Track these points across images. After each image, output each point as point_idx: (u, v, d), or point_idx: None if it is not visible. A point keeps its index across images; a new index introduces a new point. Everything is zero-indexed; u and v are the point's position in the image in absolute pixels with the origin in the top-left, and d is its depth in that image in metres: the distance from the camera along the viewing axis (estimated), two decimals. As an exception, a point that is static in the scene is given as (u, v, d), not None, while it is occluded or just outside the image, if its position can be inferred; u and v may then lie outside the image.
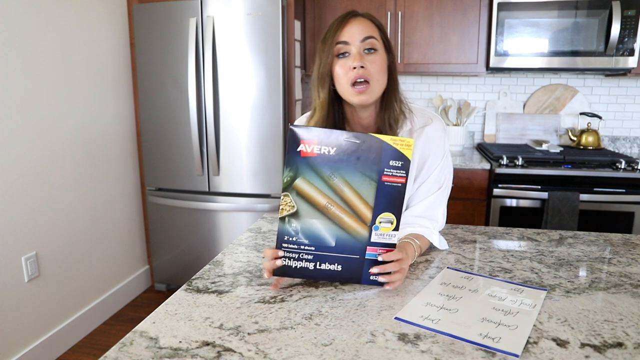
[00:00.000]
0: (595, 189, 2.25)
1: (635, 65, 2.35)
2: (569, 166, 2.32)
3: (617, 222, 2.26)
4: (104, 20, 2.48)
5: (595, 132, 2.68)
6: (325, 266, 0.92)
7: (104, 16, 2.47)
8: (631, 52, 2.33)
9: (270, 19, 2.32)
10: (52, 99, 2.15)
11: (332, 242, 0.90)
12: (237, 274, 1.00)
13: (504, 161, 2.36)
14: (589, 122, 2.73)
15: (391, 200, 0.88)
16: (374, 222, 0.89)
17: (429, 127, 1.13)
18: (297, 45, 2.54)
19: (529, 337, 0.74)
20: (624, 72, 2.47)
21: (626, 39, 2.32)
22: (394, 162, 0.87)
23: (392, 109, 1.09)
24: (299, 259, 0.91)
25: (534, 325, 0.78)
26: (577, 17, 2.37)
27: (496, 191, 2.33)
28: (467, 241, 1.23)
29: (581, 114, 2.79)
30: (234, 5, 2.35)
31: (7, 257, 1.94)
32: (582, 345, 0.72)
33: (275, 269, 0.91)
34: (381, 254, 0.90)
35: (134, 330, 0.78)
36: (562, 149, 2.62)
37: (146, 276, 2.93)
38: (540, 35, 2.43)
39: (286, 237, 0.90)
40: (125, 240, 2.73)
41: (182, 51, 2.45)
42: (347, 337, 0.75)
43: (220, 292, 0.92)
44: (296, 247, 0.90)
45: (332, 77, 1.06)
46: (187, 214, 2.64)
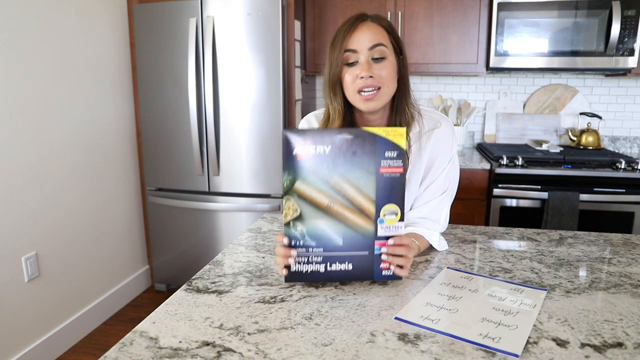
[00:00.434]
0: (595, 189, 2.25)
1: (635, 65, 2.35)
2: (569, 166, 2.31)
3: (617, 222, 2.26)
4: (104, 20, 2.48)
5: (595, 132, 2.68)
6: (336, 266, 0.91)
7: (104, 16, 2.47)
8: (631, 52, 2.33)
9: (270, 19, 2.32)
10: (52, 99, 2.15)
11: (340, 241, 0.90)
12: (237, 274, 1.00)
13: (504, 161, 2.36)
14: (589, 122, 2.73)
15: (392, 191, 0.89)
16: (378, 215, 0.89)
17: (437, 130, 1.13)
18: (297, 45, 2.54)
19: (529, 337, 0.74)
20: (624, 72, 2.47)
21: (626, 39, 2.32)
22: (389, 153, 0.87)
23: (403, 112, 1.09)
24: (309, 262, 0.91)
25: (534, 325, 0.78)
26: (577, 17, 2.37)
27: (496, 191, 2.33)
28: (467, 241, 1.23)
29: (581, 114, 2.79)
30: (234, 5, 2.35)
31: (7, 257, 1.94)
32: (582, 345, 0.72)
33: (286, 275, 0.91)
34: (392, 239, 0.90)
35: (134, 330, 0.78)
36: (562, 149, 2.62)
37: (146, 276, 2.93)
38: (540, 35, 2.43)
39: (293, 242, 0.90)
40: (125, 240, 2.73)
41: (182, 51, 2.45)
42: (347, 337, 0.75)
43: (220, 292, 0.92)
44: (305, 250, 0.90)
45: (341, 83, 1.06)
46: (187, 214, 2.64)
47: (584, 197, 2.24)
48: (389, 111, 1.12)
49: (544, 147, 2.62)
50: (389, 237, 0.90)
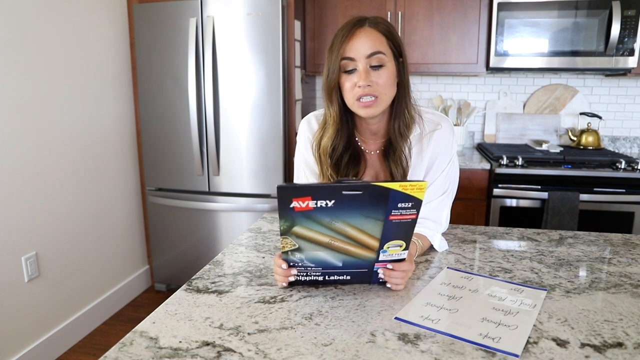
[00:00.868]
0: (595, 189, 2.25)
1: (635, 65, 2.35)
2: (569, 166, 2.31)
3: (617, 222, 2.26)
4: (104, 20, 2.48)
5: (595, 132, 2.68)
6: (334, 277, 0.92)
7: (104, 16, 2.47)
8: (631, 52, 2.33)
9: (270, 19, 2.32)
10: (52, 99, 2.15)
11: (339, 264, 0.89)
12: (237, 274, 1.00)
13: (504, 161, 2.36)
14: (589, 122, 2.73)
15: (400, 231, 0.84)
16: (381, 247, 0.86)
17: (438, 132, 1.13)
18: (297, 45, 2.54)
19: (529, 337, 0.74)
20: (624, 72, 2.47)
21: (626, 39, 2.32)
22: (403, 204, 0.80)
23: (402, 116, 1.09)
24: (308, 275, 0.91)
25: (534, 325, 0.78)
26: (577, 17, 2.37)
27: (496, 191, 2.33)
28: (467, 241, 1.22)
29: (581, 114, 2.79)
30: (234, 5, 2.35)
31: (7, 257, 1.94)
32: (582, 345, 0.72)
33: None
34: (392, 264, 0.90)
35: (134, 330, 0.78)
36: (562, 149, 2.62)
37: (146, 276, 2.93)
38: (540, 35, 2.43)
39: (291, 263, 0.89)
40: (125, 240, 2.73)
41: (182, 51, 2.45)
42: (347, 337, 0.75)
43: (220, 292, 0.92)
44: (303, 268, 0.90)
45: (340, 88, 1.06)
46: (187, 214, 2.64)
47: (584, 197, 2.24)
48: (388, 115, 1.11)
49: (544, 147, 2.62)
50: (390, 261, 0.89)
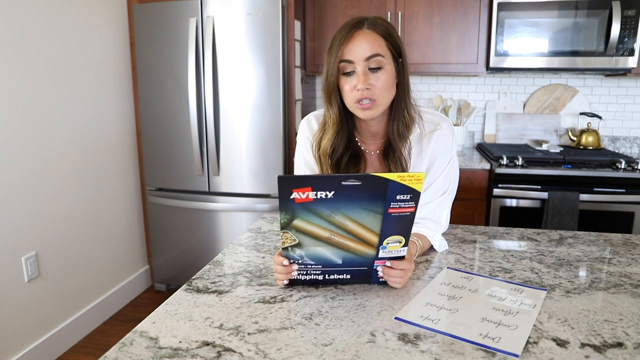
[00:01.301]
0: (595, 189, 2.25)
1: (635, 65, 2.35)
2: (569, 166, 2.31)
3: (617, 222, 2.26)
4: (104, 20, 2.48)
5: (595, 132, 2.68)
6: (334, 277, 0.92)
7: (104, 16, 2.47)
8: (631, 52, 2.33)
9: (270, 19, 2.32)
10: (52, 99, 2.15)
11: (339, 261, 0.89)
12: (237, 274, 1.00)
13: (504, 161, 2.36)
14: (589, 122, 2.73)
15: (399, 226, 0.85)
16: (381, 243, 0.87)
17: (438, 132, 1.13)
18: (297, 45, 2.54)
19: (529, 337, 0.74)
20: (624, 72, 2.47)
21: (626, 39, 2.32)
22: (401, 196, 0.80)
23: (401, 117, 1.08)
24: (308, 274, 0.91)
25: (534, 325, 0.78)
26: (577, 17, 2.37)
27: (496, 191, 2.33)
28: (467, 241, 1.22)
29: (581, 114, 2.79)
30: (234, 5, 2.35)
31: (7, 257, 1.94)
32: (582, 345, 0.72)
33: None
34: (390, 262, 0.90)
35: (134, 330, 0.78)
36: (562, 149, 2.62)
37: (146, 276, 2.93)
38: (540, 35, 2.43)
39: (292, 260, 0.89)
40: (125, 240, 2.73)
41: (182, 51, 2.45)
42: (347, 337, 0.75)
43: (220, 292, 0.92)
44: (303, 266, 0.90)
45: (339, 89, 1.06)
46: (187, 214, 2.64)
47: (584, 197, 2.24)
48: (388, 116, 1.11)
49: (544, 147, 2.62)
50: (390, 258, 0.89)
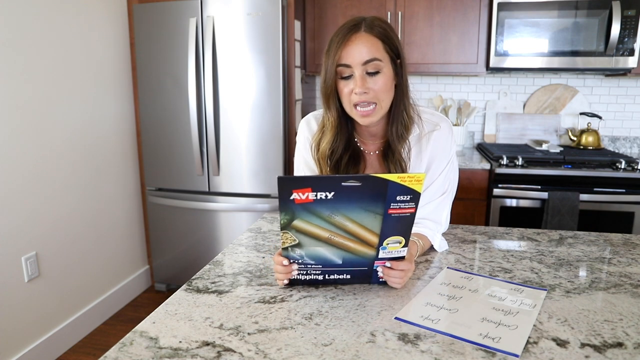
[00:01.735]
0: (595, 189, 2.25)
1: (635, 65, 2.35)
2: (569, 166, 2.31)
3: (617, 222, 2.26)
4: (104, 20, 2.48)
5: (595, 132, 2.68)
6: (334, 277, 0.92)
7: (104, 16, 2.47)
8: (631, 52, 2.33)
9: (270, 19, 2.32)
10: (52, 99, 2.15)
11: (339, 262, 0.89)
12: (237, 274, 1.00)
13: (504, 161, 2.36)
14: (589, 122, 2.73)
15: (399, 226, 0.84)
16: (381, 243, 0.86)
17: (436, 132, 1.12)
18: (297, 45, 2.54)
19: (529, 337, 0.74)
20: (624, 72, 2.47)
21: (626, 39, 2.32)
22: (401, 197, 0.80)
23: (400, 120, 1.08)
24: (308, 274, 0.91)
25: (534, 325, 0.78)
26: (577, 17, 2.37)
27: (496, 191, 2.33)
28: (467, 241, 1.22)
29: (581, 114, 2.79)
30: (234, 5, 2.35)
31: (7, 257, 1.94)
32: (582, 345, 0.72)
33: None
34: (390, 263, 0.90)
35: (134, 330, 0.78)
36: (562, 149, 2.62)
37: (146, 276, 2.93)
38: (540, 35, 2.43)
39: (292, 260, 0.89)
40: (125, 240, 2.73)
41: (182, 51, 2.45)
42: (347, 337, 0.75)
43: (220, 292, 0.92)
44: (303, 266, 0.90)
45: (338, 92, 1.05)
46: (187, 214, 2.64)
47: (584, 197, 2.24)
48: (387, 117, 1.11)
49: (544, 147, 2.62)
50: (390, 259, 0.89)
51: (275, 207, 2.50)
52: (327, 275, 0.92)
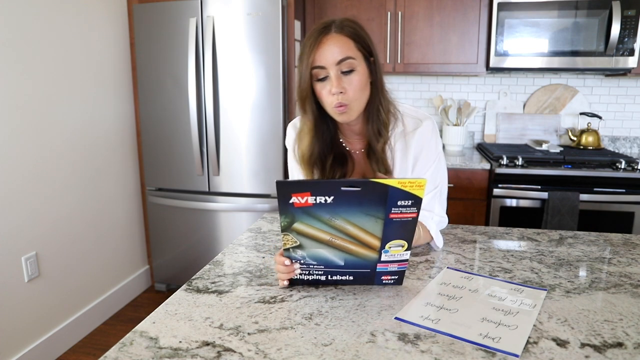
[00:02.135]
0: (595, 189, 2.25)
1: (635, 65, 2.35)
2: (569, 166, 2.31)
3: (617, 222, 2.26)
4: (104, 20, 2.48)
5: (595, 132, 2.68)
6: (337, 277, 0.92)
7: (104, 16, 2.47)
8: (631, 52, 2.33)
9: (270, 19, 2.32)
10: (52, 99, 2.15)
11: (341, 263, 0.89)
12: (237, 274, 1.00)
13: (504, 161, 2.36)
14: (589, 122, 2.73)
15: (401, 231, 0.84)
16: (383, 247, 0.86)
17: (420, 129, 1.13)
18: (297, 45, 2.54)
19: (529, 337, 0.74)
20: (624, 72, 2.47)
21: (626, 39, 2.32)
22: (402, 202, 0.80)
23: (377, 117, 1.09)
24: (310, 274, 0.91)
25: (534, 325, 0.78)
26: (577, 17, 2.37)
27: (496, 191, 2.33)
28: (467, 241, 1.22)
29: (581, 114, 2.79)
30: (234, 5, 2.35)
31: (7, 257, 1.94)
32: (582, 345, 0.72)
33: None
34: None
35: (134, 330, 0.78)
36: (562, 149, 2.62)
37: (146, 276, 2.93)
38: (540, 35, 2.43)
39: (293, 261, 0.89)
40: (125, 240, 2.73)
41: (182, 51, 2.45)
42: (347, 337, 0.75)
43: (220, 292, 0.92)
44: (305, 266, 0.90)
45: (315, 94, 1.06)
46: (187, 214, 2.64)
47: (584, 197, 2.24)
48: (364, 118, 1.12)
49: (544, 147, 2.62)
50: (393, 262, 0.89)
51: (275, 207, 2.50)
52: (329, 275, 0.92)
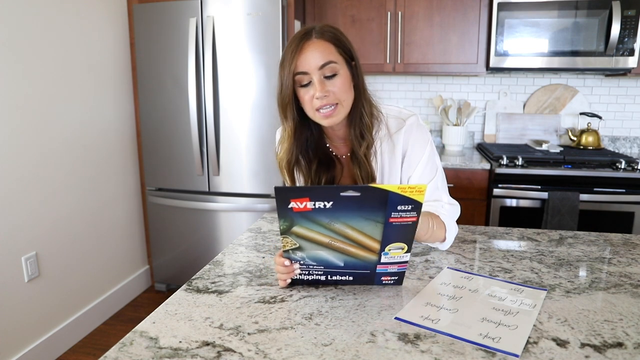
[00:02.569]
0: (595, 189, 2.25)
1: (635, 65, 2.35)
2: (569, 166, 2.31)
3: (617, 222, 2.26)
4: (104, 20, 2.48)
5: (595, 132, 2.68)
6: (337, 277, 0.92)
7: (104, 16, 2.47)
8: (631, 52, 2.33)
9: (270, 19, 2.32)
10: (52, 99, 2.15)
11: (341, 264, 0.89)
12: (237, 274, 1.00)
13: (504, 161, 2.36)
14: (589, 122, 2.73)
15: (401, 234, 0.84)
16: (383, 249, 0.86)
17: (405, 127, 1.13)
18: (297, 45, 2.54)
19: (529, 337, 0.74)
20: (624, 72, 2.47)
21: (626, 39, 2.32)
22: (402, 207, 0.80)
23: (359, 121, 1.09)
24: (310, 274, 0.91)
25: (534, 325, 0.78)
26: (577, 17, 2.37)
27: (496, 191, 2.33)
28: (467, 241, 1.22)
29: (581, 114, 2.79)
30: (234, 5, 2.35)
31: (7, 257, 1.94)
32: (582, 345, 0.72)
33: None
34: None
35: (134, 330, 0.78)
36: (562, 149, 2.62)
37: (146, 276, 2.93)
38: (540, 35, 2.43)
39: (293, 261, 0.89)
40: (125, 240, 2.73)
41: (182, 51, 2.45)
42: (347, 337, 0.75)
43: (220, 292, 0.92)
44: (305, 266, 0.90)
45: (297, 100, 1.06)
46: (187, 214, 2.64)
47: (584, 197, 2.24)
48: (348, 121, 1.12)
49: (544, 147, 2.62)
50: (393, 263, 0.89)
51: (275, 207, 2.49)
52: (329, 276, 0.92)
